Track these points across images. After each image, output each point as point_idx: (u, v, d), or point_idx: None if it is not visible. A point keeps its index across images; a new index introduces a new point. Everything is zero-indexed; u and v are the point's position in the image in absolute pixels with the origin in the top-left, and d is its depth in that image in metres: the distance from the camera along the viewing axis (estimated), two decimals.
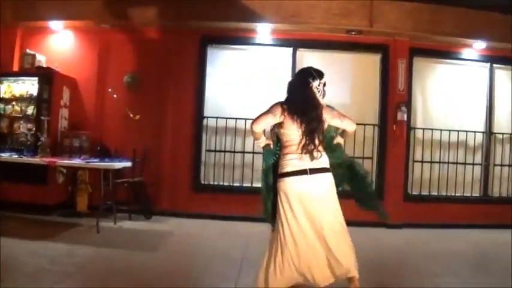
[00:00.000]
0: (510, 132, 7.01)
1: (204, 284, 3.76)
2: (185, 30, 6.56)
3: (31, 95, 6.41)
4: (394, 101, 6.54)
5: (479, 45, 6.80)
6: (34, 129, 6.22)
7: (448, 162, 6.87)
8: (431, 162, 6.84)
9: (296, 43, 6.66)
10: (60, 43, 6.82)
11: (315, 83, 3.20)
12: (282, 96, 3.28)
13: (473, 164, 6.96)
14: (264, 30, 6.58)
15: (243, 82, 6.72)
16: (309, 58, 6.65)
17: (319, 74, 3.25)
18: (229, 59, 6.80)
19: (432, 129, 6.81)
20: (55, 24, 6.69)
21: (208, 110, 6.66)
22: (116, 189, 5.94)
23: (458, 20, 6.54)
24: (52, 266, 3.89)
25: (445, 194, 6.84)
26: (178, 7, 6.32)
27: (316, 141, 3.20)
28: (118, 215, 5.87)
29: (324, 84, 3.26)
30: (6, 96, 6.50)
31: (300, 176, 3.17)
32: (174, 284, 3.67)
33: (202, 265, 4.23)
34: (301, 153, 3.19)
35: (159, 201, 6.47)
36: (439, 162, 6.88)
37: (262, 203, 3.37)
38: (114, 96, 6.40)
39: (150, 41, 6.67)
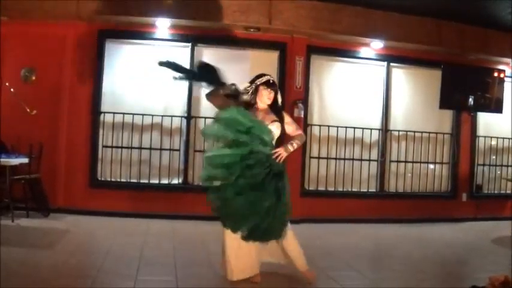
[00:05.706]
0: (405, 129, 7.24)
1: (102, 283, 3.64)
2: (83, 24, 6.40)
3: None
4: (291, 98, 6.58)
5: (376, 45, 6.96)
6: None
7: (345, 159, 7.02)
8: (327, 158, 6.97)
9: (195, 39, 6.62)
10: None
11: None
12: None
13: (369, 160, 7.13)
14: (163, 25, 6.50)
15: (141, 77, 6.59)
16: (208, 54, 6.65)
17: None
18: (127, 54, 6.68)
19: (329, 126, 6.93)
20: None
21: (105, 105, 6.54)
22: (12, 186, 5.76)
23: (356, 19, 6.68)
24: None
25: (341, 189, 6.99)
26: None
27: None
28: (15, 213, 5.69)
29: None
30: None
31: None
32: (72, 283, 3.58)
33: (100, 263, 4.13)
34: None
35: (56, 198, 6.32)
36: (336, 159, 7.01)
37: None
38: (11, 90, 6.22)
39: (48, 34, 6.48)
